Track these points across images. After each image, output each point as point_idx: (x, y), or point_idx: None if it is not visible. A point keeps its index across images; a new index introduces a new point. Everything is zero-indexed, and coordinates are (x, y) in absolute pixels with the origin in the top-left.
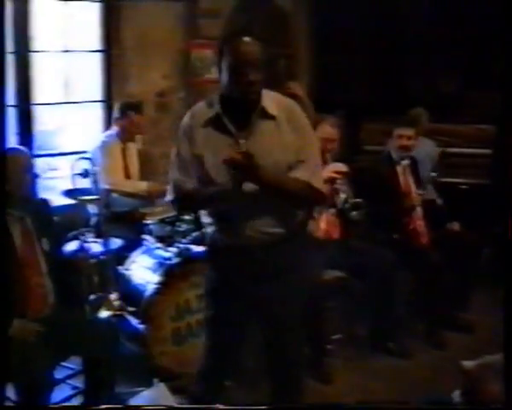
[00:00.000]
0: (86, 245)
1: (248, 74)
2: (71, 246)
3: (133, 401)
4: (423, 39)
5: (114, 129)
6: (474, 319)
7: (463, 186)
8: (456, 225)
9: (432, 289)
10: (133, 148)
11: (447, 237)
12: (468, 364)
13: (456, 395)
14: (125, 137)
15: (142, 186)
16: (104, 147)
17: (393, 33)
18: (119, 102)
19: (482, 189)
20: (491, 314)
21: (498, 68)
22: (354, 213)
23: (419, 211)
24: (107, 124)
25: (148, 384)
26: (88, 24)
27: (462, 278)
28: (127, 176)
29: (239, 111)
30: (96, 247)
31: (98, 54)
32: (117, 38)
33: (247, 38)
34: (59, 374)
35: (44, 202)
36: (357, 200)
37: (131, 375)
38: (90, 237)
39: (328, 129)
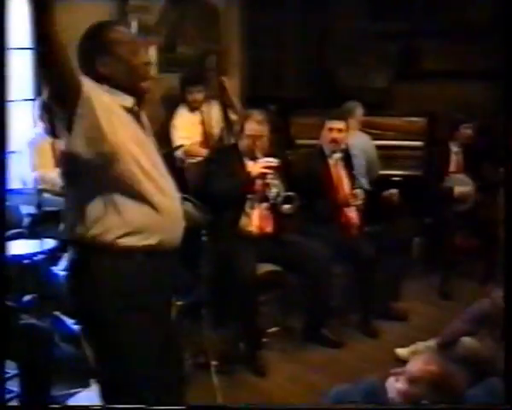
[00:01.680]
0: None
1: (142, 57)
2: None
3: (70, 402)
4: (354, 33)
5: (41, 126)
6: (407, 307)
7: (395, 178)
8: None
9: (365, 279)
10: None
11: (379, 228)
12: (401, 351)
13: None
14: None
15: None
16: (33, 145)
17: (324, 28)
18: (39, 99)
19: (414, 180)
20: (423, 302)
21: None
22: (286, 206)
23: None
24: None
25: (85, 385)
26: (16, 21)
27: (394, 267)
28: None
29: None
30: (28, 248)
31: (28, 51)
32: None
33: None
34: None
35: None
36: (289, 193)
37: (68, 376)
38: (22, 238)
39: (255, 126)
